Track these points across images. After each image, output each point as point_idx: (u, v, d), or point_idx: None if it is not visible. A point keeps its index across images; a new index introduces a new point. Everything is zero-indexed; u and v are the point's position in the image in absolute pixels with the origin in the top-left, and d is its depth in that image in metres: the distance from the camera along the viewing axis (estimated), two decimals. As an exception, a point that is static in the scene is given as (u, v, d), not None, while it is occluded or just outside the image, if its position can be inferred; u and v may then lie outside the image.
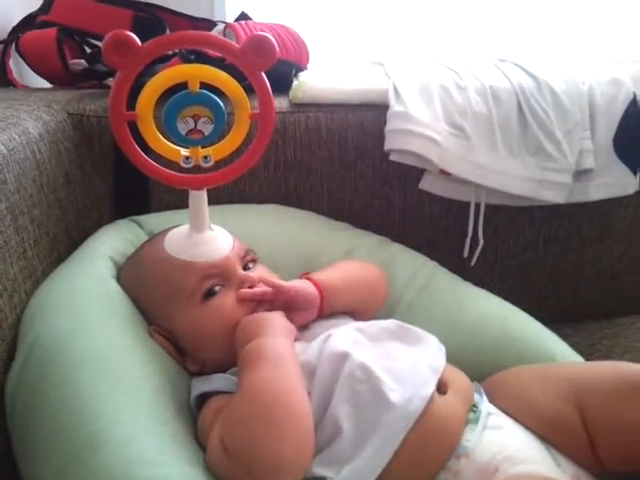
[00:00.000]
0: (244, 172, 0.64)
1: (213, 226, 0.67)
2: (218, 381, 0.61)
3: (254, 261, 0.70)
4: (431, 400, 0.57)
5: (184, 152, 0.61)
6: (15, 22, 1.05)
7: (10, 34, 1.05)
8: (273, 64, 0.58)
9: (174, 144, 0.61)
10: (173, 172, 0.62)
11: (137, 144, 0.60)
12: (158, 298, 0.66)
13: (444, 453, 0.55)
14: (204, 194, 0.64)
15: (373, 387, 0.57)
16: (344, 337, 0.63)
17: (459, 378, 0.63)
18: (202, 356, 0.66)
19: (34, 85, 1.09)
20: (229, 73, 0.59)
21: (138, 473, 0.48)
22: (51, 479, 0.51)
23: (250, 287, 0.66)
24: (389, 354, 0.62)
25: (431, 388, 0.58)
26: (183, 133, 0.58)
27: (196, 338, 0.65)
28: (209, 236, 0.66)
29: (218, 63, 0.73)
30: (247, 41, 0.57)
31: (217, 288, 0.65)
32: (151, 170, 0.61)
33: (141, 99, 0.58)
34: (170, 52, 0.83)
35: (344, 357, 0.59)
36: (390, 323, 0.67)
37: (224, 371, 0.63)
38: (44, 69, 1.03)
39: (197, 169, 0.62)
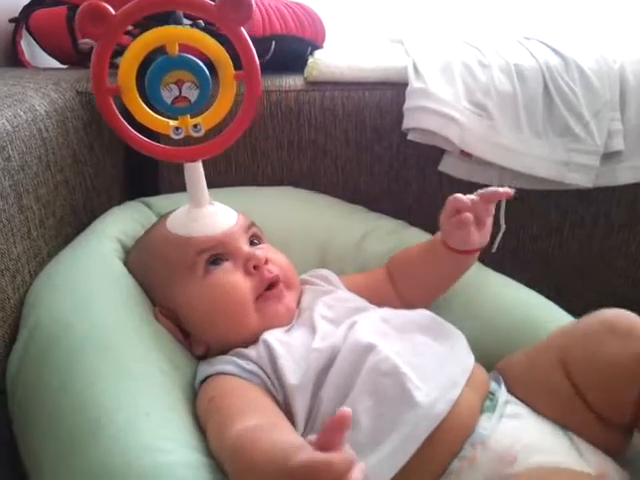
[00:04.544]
0: (238, 139, 0.62)
1: (215, 202, 0.66)
2: (220, 364, 0.59)
3: (257, 236, 0.68)
4: None
5: (173, 123, 0.59)
6: (26, 0, 1.03)
7: (21, 12, 1.03)
8: (251, 18, 0.56)
9: (162, 116, 0.59)
10: (164, 146, 0.61)
11: (130, 121, 0.59)
12: (159, 278, 0.64)
13: (457, 444, 0.53)
14: (199, 166, 0.63)
15: (398, 383, 0.54)
16: (369, 327, 0.61)
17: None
18: (206, 336, 0.63)
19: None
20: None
21: (138, 461, 0.46)
22: (49, 468, 0.49)
23: (256, 266, 0.64)
24: (416, 349, 0.59)
25: (458, 391, 0.55)
26: (169, 102, 0.57)
27: (199, 314, 0.63)
28: (208, 211, 0.65)
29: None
30: None
31: (218, 260, 0.63)
32: (140, 145, 0.60)
33: (121, 70, 0.56)
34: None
35: (369, 349, 0.57)
36: (420, 315, 0.65)
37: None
38: (54, 48, 1.01)
39: (190, 141, 0.60)
